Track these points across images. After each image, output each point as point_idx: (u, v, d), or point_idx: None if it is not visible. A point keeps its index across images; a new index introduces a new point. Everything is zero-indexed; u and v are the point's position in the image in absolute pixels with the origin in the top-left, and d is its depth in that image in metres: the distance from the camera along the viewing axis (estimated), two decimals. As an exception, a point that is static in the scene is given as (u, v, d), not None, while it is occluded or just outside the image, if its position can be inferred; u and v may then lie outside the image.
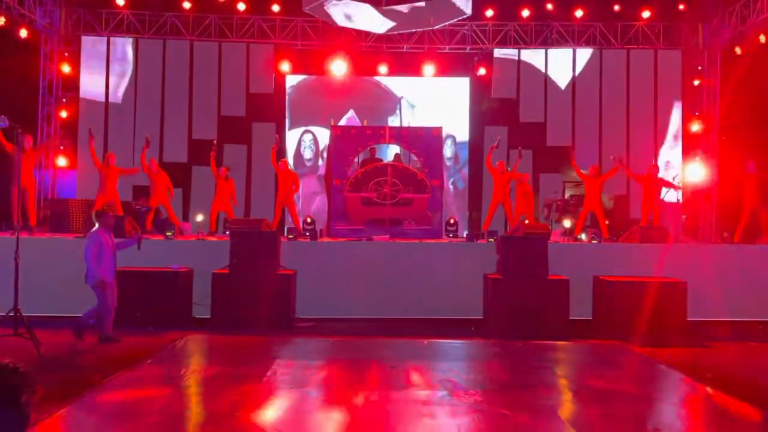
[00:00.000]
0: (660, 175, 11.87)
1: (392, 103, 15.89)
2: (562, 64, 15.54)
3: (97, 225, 7.45)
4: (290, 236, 9.93)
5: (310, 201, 15.36)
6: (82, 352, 6.84)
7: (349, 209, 11.26)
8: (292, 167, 14.36)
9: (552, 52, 15.50)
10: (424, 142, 12.04)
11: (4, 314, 6.71)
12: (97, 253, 7.26)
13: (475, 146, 15.65)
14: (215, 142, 12.38)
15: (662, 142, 15.44)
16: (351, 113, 15.30)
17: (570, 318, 8.49)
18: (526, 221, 11.35)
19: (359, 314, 9.10)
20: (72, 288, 8.82)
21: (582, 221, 11.67)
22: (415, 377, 6.09)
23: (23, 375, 2.10)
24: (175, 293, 8.44)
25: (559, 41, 15.41)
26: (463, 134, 15.94)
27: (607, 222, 11.66)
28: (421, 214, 11.26)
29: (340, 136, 12.25)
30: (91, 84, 15.06)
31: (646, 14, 15.20)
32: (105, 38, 15.03)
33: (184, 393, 5.67)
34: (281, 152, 14.35)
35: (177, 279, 8.47)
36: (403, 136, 12.32)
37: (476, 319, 8.92)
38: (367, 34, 14.92)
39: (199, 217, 10.42)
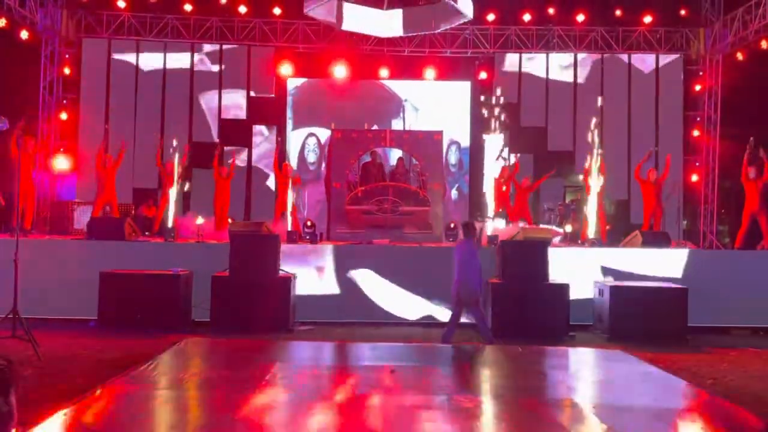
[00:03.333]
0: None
1: (395, 105, 15.89)
2: (563, 68, 15.55)
3: (464, 236, 7.41)
4: (290, 239, 9.92)
5: (314, 209, 15.27)
6: (81, 355, 6.83)
7: (349, 217, 11.31)
8: (296, 170, 14.37)
9: (553, 56, 15.52)
10: (425, 145, 12.05)
11: (3, 316, 6.70)
12: (480, 266, 7.25)
13: (476, 150, 15.66)
14: (219, 143, 12.36)
15: (663, 147, 15.44)
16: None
17: (570, 323, 8.48)
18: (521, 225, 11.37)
19: (359, 318, 9.09)
20: (71, 290, 8.86)
21: (587, 226, 11.68)
22: (415, 381, 6.07)
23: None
24: (174, 296, 8.43)
25: (561, 46, 15.43)
26: (464, 138, 15.94)
27: (608, 227, 11.66)
28: (421, 223, 11.30)
29: (340, 139, 12.26)
30: (92, 86, 15.07)
31: (647, 19, 15.22)
32: (106, 40, 15.05)
33: (182, 396, 5.65)
34: (282, 155, 14.36)
35: (177, 282, 8.47)
36: (404, 139, 12.34)
37: (476, 324, 8.90)
38: (368, 37, 14.93)
39: (200, 220, 10.43)
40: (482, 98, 15.63)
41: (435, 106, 15.62)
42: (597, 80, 15.37)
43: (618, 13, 15.34)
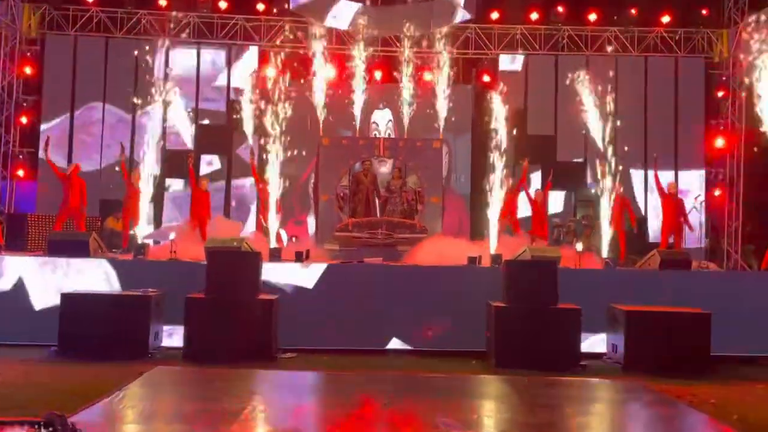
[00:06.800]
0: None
1: (390, 110, 15.91)
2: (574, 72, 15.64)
3: None
4: (273, 257, 9.90)
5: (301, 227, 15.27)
6: (40, 385, 6.77)
7: (340, 239, 11.37)
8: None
9: (563, 59, 15.61)
10: (423, 155, 12.09)
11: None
12: None
13: (478, 159, 15.67)
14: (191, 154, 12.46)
15: (683, 158, 15.54)
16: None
17: (582, 351, 8.48)
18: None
19: (348, 345, 9.06)
20: (29, 312, 8.80)
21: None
22: (410, 416, 6.05)
23: None
24: (144, 319, 8.37)
25: (571, 47, 15.55)
26: (465, 147, 15.98)
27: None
28: (418, 241, 11.34)
29: (329, 147, 12.30)
30: (56, 87, 15.08)
31: (665, 19, 15.38)
32: (72, 37, 15.08)
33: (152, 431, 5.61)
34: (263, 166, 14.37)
35: (147, 304, 8.42)
36: (399, 148, 12.39)
37: (477, 352, 8.90)
38: (360, 36, 14.99)
39: (172, 235, 10.40)
40: (485, 103, 15.71)
41: (434, 111, 15.65)
42: (611, 85, 15.46)
43: (633, 12, 15.49)
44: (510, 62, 15.88)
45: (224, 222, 12.91)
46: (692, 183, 15.21)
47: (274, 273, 9.24)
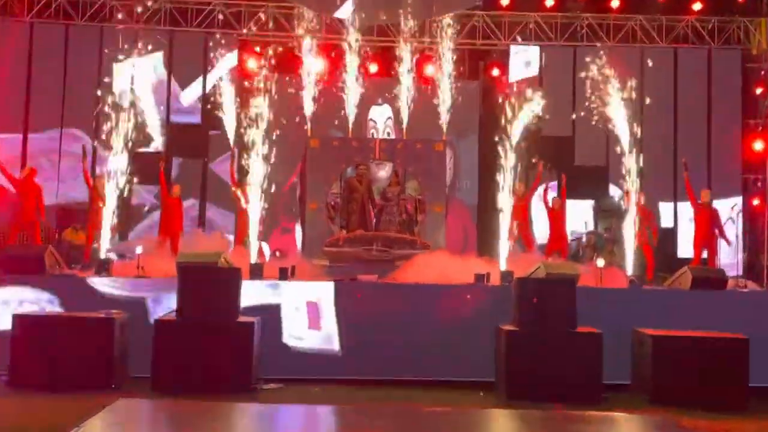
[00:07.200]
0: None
1: (386, 108, 15.95)
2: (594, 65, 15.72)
3: None
4: (254, 274, 9.90)
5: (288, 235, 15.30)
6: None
7: (330, 255, 11.37)
8: None
9: (582, 50, 15.66)
10: (424, 158, 12.10)
11: None
12: None
13: (486, 163, 15.71)
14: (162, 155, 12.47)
15: (718, 162, 15.59)
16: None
17: (603, 382, 8.47)
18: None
19: (339, 374, 9.05)
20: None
21: None
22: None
23: None
24: (107, 345, 8.35)
25: (591, 37, 15.60)
26: (472, 149, 16.02)
27: None
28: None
29: (318, 149, 12.30)
30: (8, 80, 15.08)
31: (696, 7, 15.44)
32: (28, 25, 15.09)
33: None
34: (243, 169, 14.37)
35: (110, 327, 8.40)
36: (397, 150, 12.39)
37: (486, 382, 8.89)
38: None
39: (139, 249, 10.39)
40: (494, 100, 15.77)
41: (436, 109, 15.69)
42: (636, 80, 15.52)
43: (661, -1, 15.58)
44: (525, 67, 15.87)
45: (203, 236, 12.89)
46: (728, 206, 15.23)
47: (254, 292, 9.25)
